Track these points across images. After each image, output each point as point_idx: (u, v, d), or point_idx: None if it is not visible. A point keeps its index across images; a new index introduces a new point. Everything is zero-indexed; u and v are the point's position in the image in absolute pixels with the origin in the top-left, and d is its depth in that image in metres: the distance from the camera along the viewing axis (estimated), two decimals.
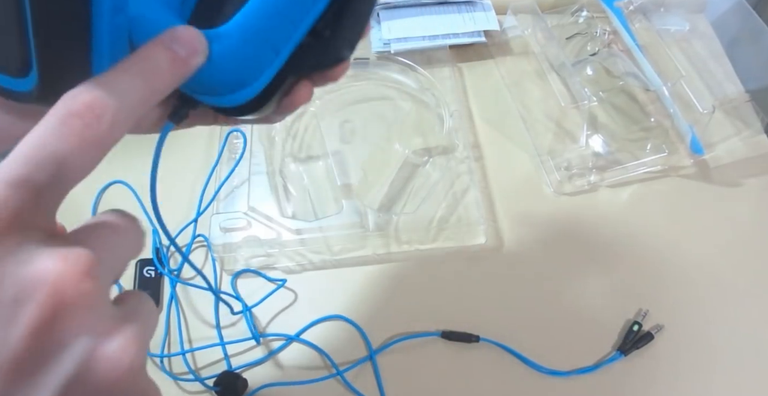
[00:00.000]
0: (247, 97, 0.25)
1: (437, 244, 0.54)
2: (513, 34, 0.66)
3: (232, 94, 0.24)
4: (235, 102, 0.25)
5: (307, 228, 0.52)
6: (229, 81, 0.24)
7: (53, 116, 0.18)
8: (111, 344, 0.18)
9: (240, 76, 0.24)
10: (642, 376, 0.47)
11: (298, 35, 0.25)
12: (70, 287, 0.17)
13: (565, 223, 0.55)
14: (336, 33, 0.26)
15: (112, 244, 0.20)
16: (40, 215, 0.18)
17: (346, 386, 0.47)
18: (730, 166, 0.58)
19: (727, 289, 0.51)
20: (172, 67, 0.20)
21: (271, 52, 0.24)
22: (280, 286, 0.52)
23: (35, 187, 0.17)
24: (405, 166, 0.56)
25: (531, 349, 0.48)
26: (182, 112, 0.26)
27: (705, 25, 0.67)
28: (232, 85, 0.24)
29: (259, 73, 0.24)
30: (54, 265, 0.17)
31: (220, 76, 0.23)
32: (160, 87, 0.20)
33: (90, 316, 0.17)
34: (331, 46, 0.26)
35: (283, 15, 0.24)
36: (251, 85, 0.24)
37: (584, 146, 0.57)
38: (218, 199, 0.55)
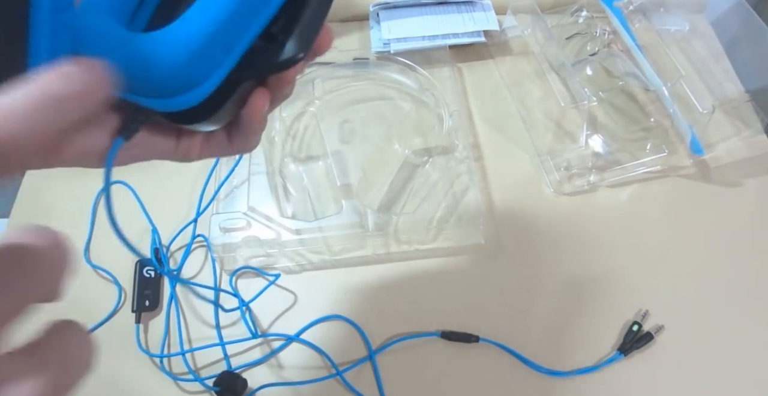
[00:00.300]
0: (198, 97, 0.24)
1: (437, 244, 0.54)
2: (513, 34, 0.66)
3: (179, 95, 0.23)
4: (185, 104, 0.24)
5: (307, 228, 0.52)
6: (176, 80, 0.23)
7: None
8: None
9: (188, 75, 0.23)
10: (642, 376, 0.47)
11: (249, 36, 0.24)
12: None
13: (565, 223, 0.55)
14: (288, 36, 0.25)
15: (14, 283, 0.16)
16: None
17: (346, 386, 0.47)
18: (730, 166, 0.57)
19: (727, 289, 0.51)
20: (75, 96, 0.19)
21: (220, 51, 0.23)
22: (273, 282, 0.51)
23: None
24: (405, 166, 0.56)
25: (531, 349, 0.48)
26: (132, 126, 0.24)
27: (705, 25, 0.67)
28: (179, 85, 0.23)
29: (207, 73, 0.23)
30: None
31: (167, 74, 0.22)
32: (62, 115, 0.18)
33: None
34: (283, 47, 0.25)
35: (233, 14, 0.23)
36: (200, 85, 0.23)
37: (584, 146, 0.57)
38: (218, 199, 0.55)
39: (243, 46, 0.24)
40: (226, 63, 0.24)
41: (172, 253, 0.54)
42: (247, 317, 0.50)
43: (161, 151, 0.28)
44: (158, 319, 0.51)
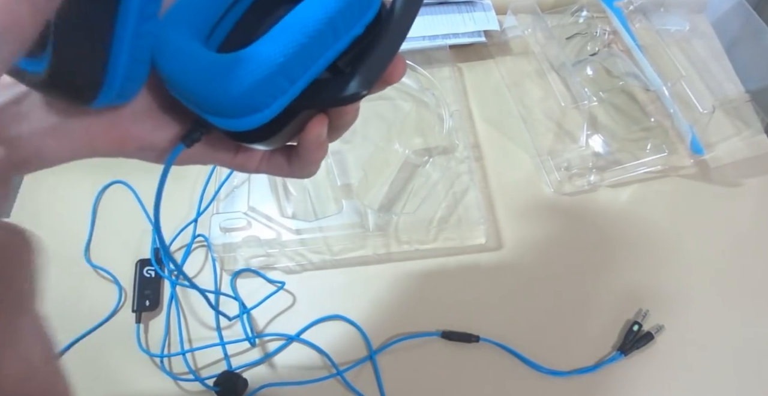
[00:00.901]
0: (257, 122, 0.25)
1: (437, 244, 0.54)
2: (513, 34, 0.66)
3: (242, 117, 0.25)
4: (244, 126, 0.25)
5: (307, 228, 0.52)
6: (240, 104, 0.24)
7: None
8: None
9: (252, 100, 0.24)
10: (642, 376, 0.47)
11: (315, 69, 0.25)
12: None
13: (565, 223, 0.55)
14: (354, 71, 0.26)
15: None
16: None
17: (346, 386, 0.47)
18: (730, 166, 0.57)
19: (728, 289, 0.51)
20: None
21: (285, 81, 0.24)
22: (279, 289, 0.52)
23: None
24: (405, 166, 0.56)
25: (531, 349, 0.48)
26: (195, 135, 0.26)
27: (705, 25, 0.67)
28: (243, 108, 0.24)
29: (271, 100, 0.24)
30: None
31: (230, 98, 0.24)
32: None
33: None
34: (347, 83, 0.26)
35: (303, 47, 0.24)
36: (262, 111, 0.25)
37: (584, 146, 0.57)
38: (218, 199, 0.55)
39: (308, 78, 0.25)
40: (289, 92, 0.25)
41: (173, 253, 0.54)
42: (246, 323, 0.50)
43: (219, 159, 0.29)
44: (158, 319, 0.51)
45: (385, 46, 0.27)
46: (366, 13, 0.26)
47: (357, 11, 0.25)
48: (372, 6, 0.26)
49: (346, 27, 0.25)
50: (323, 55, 0.25)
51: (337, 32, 0.25)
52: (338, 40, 0.25)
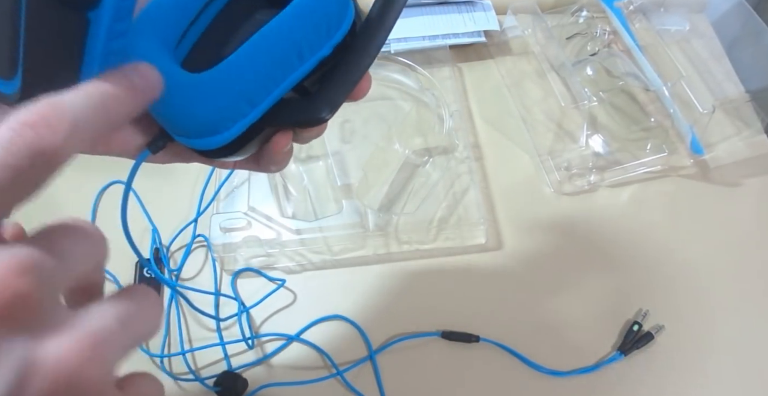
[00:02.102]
0: (217, 144, 0.25)
1: (437, 244, 0.54)
2: (513, 34, 0.66)
3: (202, 138, 0.25)
4: (206, 146, 0.25)
5: (307, 228, 0.52)
6: (199, 126, 0.24)
7: (5, 126, 0.17)
8: (49, 347, 0.15)
9: (211, 123, 0.24)
10: (642, 376, 0.47)
11: (278, 92, 0.25)
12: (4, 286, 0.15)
13: (565, 223, 0.55)
14: (320, 93, 0.26)
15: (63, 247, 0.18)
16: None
17: (346, 386, 0.47)
18: (730, 166, 0.57)
19: (728, 288, 0.51)
20: (128, 95, 0.20)
21: (246, 105, 0.24)
22: (279, 287, 0.52)
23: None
24: (405, 166, 0.56)
25: (531, 349, 0.48)
26: (159, 143, 0.26)
27: (705, 25, 0.67)
28: (202, 130, 0.24)
29: (231, 123, 0.24)
30: None
31: (191, 120, 0.24)
32: (115, 111, 0.20)
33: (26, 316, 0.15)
34: (313, 105, 0.26)
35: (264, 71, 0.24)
36: (222, 133, 0.25)
37: (584, 146, 0.57)
38: (218, 199, 0.55)
39: (271, 101, 0.25)
40: (250, 116, 0.25)
41: (173, 253, 0.54)
42: (245, 323, 0.50)
43: (197, 159, 0.30)
44: None
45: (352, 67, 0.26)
46: (334, 34, 0.25)
47: (324, 33, 0.25)
48: (341, 26, 0.26)
49: (312, 49, 0.25)
50: (287, 79, 0.25)
51: (302, 55, 0.25)
52: (303, 63, 0.25)
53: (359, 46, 0.26)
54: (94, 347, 0.16)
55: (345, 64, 0.26)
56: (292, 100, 0.26)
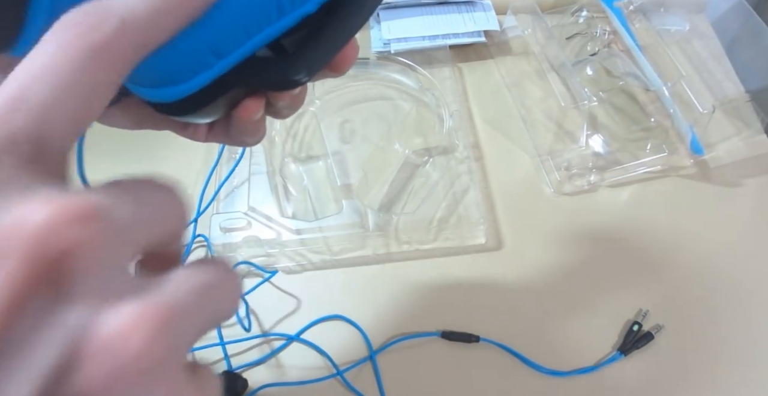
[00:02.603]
0: (175, 96, 0.22)
1: (437, 244, 0.54)
2: (513, 34, 0.66)
3: (157, 88, 0.22)
4: (161, 98, 0.23)
5: (307, 228, 0.52)
6: (154, 72, 0.21)
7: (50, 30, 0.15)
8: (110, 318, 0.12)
9: (168, 70, 0.21)
10: (642, 376, 0.47)
11: (250, 45, 0.22)
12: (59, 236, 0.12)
13: (565, 223, 0.55)
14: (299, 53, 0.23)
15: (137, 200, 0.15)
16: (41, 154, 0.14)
17: (346, 386, 0.47)
18: (730, 166, 0.57)
19: (728, 288, 0.51)
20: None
21: (210, 54, 0.21)
22: (267, 278, 0.51)
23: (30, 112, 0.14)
24: (405, 166, 0.56)
25: (531, 349, 0.48)
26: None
27: (705, 25, 0.67)
28: (157, 78, 0.22)
29: (191, 74, 0.22)
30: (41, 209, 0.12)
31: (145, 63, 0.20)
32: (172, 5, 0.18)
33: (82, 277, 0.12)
34: (288, 65, 0.23)
35: (235, 19, 0.21)
36: (179, 84, 0.22)
37: (584, 146, 0.57)
38: (218, 199, 0.55)
39: (240, 56, 0.22)
40: (214, 68, 0.22)
41: None
42: (242, 313, 0.50)
43: (171, 126, 0.27)
44: None
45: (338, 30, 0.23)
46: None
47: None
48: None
49: (293, 3, 0.22)
50: (262, 32, 0.22)
51: (282, 8, 0.22)
52: (283, 16, 0.22)
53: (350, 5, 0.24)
54: (166, 322, 0.13)
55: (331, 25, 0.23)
56: (266, 58, 0.23)
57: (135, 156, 0.59)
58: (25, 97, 0.14)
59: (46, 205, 0.12)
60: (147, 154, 0.59)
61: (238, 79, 0.22)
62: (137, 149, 0.58)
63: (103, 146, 0.39)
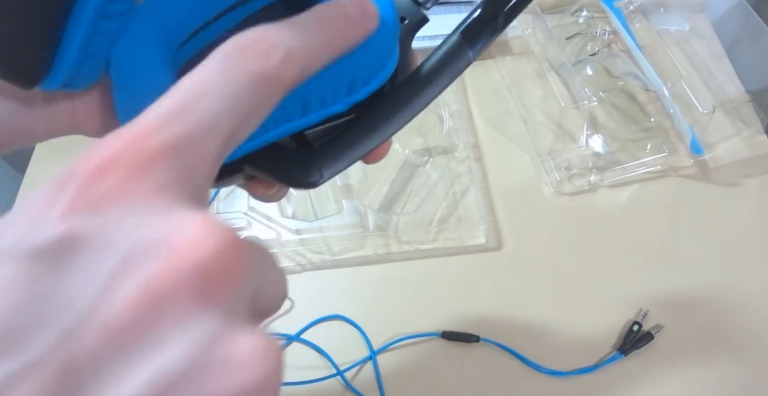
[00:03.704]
0: None
1: (437, 244, 0.54)
2: (513, 34, 0.66)
3: None
4: None
5: (307, 228, 0.52)
6: None
7: (216, 53, 0.16)
8: (248, 338, 0.13)
9: None
10: (642, 376, 0.47)
11: (264, 139, 0.21)
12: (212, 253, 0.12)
13: (565, 223, 0.55)
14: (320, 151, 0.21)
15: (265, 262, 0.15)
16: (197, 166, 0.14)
17: (346, 386, 0.47)
18: (730, 166, 0.57)
19: (728, 288, 0.51)
20: (347, 24, 0.19)
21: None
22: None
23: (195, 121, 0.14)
24: (405, 166, 0.56)
25: (531, 349, 0.48)
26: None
27: (705, 25, 0.67)
28: None
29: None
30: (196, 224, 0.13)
31: None
32: (333, 38, 0.19)
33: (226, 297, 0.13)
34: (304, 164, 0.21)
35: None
36: None
37: (584, 146, 0.57)
38: (218, 199, 0.55)
39: (254, 146, 0.21)
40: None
41: None
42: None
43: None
44: None
45: (372, 131, 0.21)
46: (358, 90, 0.21)
47: (345, 88, 0.20)
48: (372, 82, 0.21)
49: (322, 103, 0.20)
50: (279, 127, 0.20)
51: (307, 107, 0.20)
52: (307, 114, 0.20)
53: (389, 107, 0.22)
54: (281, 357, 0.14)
55: (363, 126, 0.21)
56: (283, 148, 0.21)
57: None
58: (192, 107, 0.14)
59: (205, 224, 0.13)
60: None
61: (251, 164, 0.22)
62: None
63: None
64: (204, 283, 0.12)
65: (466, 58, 0.22)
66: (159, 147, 0.14)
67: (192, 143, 0.14)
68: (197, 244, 0.12)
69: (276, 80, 0.16)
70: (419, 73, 0.23)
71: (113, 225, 0.13)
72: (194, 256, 0.12)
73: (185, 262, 0.12)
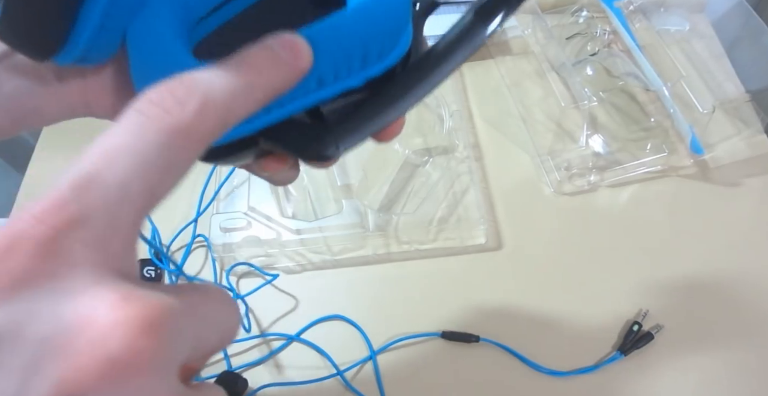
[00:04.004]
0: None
1: (437, 244, 0.54)
2: (513, 34, 0.66)
3: None
4: None
5: (307, 228, 0.52)
6: None
7: (129, 110, 0.15)
8: None
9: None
10: (642, 376, 0.47)
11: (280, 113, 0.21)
12: (120, 343, 0.12)
13: (565, 223, 0.55)
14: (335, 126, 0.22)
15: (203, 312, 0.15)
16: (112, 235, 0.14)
17: (346, 386, 0.47)
18: (730, 166, 0.57)
19: (728, 288, 0.51)
20: (273, 69, 0.18)
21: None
22: (269, 281, 0.51)
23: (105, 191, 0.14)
24: (405, 166, 0.56)
25: (531, 349, 0.48)
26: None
27: (705, 25, 0.67)
28: None
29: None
30: (107, 309, 0.13)
31: None
32: (259, 85, 0.18)
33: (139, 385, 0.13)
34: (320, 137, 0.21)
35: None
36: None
37: (584, 146, 0.57)
38: (218, 199, 0.55)
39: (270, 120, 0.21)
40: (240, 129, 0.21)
41: (173, 252, 0.54)
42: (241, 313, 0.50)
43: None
44: None
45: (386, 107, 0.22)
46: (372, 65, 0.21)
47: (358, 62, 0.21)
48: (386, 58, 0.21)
49: (336, 76, 0.21)
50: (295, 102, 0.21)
51: (322, 81, 0.20)
52: (322, 88, 0.21)
53: (403, 84, 0.22)
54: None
55: (378, 102, 0.22)
56: (300, 123, 0.22)
57: None
58: (101, 175, 0.14)
59: (120, 305, 0.13)
60: None
61: (267, 138, 0.22)
62: None
63: None
64: (117, 374, 0.12)
65: (480, 37, 0.23)
66: (66, 221, 0.13)
67: (103, 214, 0.14)
68: (106, 336, 0.12)
69: (191, 132, 0.15)
70: (434, 50, 0.23)
71: (24, 314, 0.12)
72: (102, 352, 0.12)
73: (94, 359, 0.12)
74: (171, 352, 0.13)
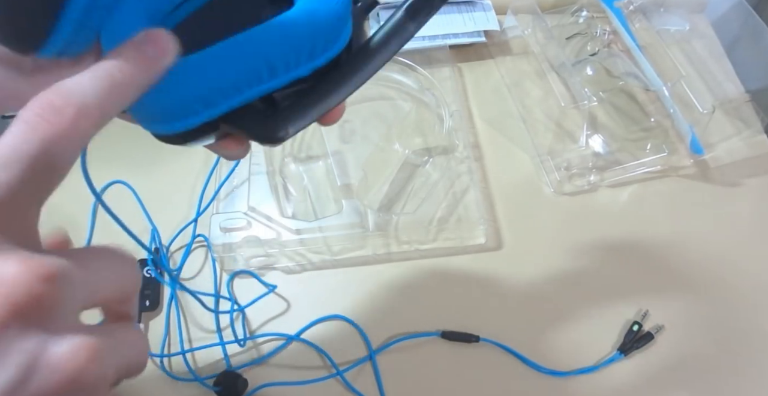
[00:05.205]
0: (170, 131, 0.25)
1: (437, 244, 0.54)
2: (513, 34, 0.66)
3: (155, 123, 0.25)
4: (158, 131, 0.25)
5: (307, 228, 0.52)
6: (151, 113, 0.24)
7: (17, 118, 0.18)
8: (58, 346, 0.17)
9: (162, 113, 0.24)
10: (642, 376, 0.47)
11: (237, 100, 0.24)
12: (22, 290, 0.16)
13: (565, 223, 0.55)
14: (286, 111, 0.25)
15: (95, 266, 0.19)
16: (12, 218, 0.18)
17: (346, 386, 0.47)
18: (730, 166, 0.57)
19: (728, 288, 0.51)
20: (140, 68, 0.21)
21: (200, 105, 0.24)
22: (269, 292, 0.51)
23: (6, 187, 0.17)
24: (405, 166, 0.56)
25: (531, 349, 0.48)
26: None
27: (705, 25, 0.67)
28: (154, 117, 0.24)
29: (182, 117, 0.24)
30: (11, 268, 0.16)
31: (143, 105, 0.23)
32: (127, 86, 0.20)
33: (41, 317, 0.16)
34: (272, 121, 0.25)
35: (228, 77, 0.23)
36: (173, 123, 0.24)
37: (584, 146, 0.57)
38: (218, 199, 0.55)
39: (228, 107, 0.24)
40: (201, 115, 0.24)
41: (172, 253, 0.54)
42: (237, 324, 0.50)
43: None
44: (158, 319, 0.51)
45: (329, 94, 0.25)
46: (318, 57, 0.24)
47: (306, 54, 0.24)
48: (329, 50, 0.25)
49: (287, 67, 0.24)
50: (251, 90, 0.24)
51: (274, 71, 0.24)
52: (274, 78, 0.24)
53: (344, 72, 0.25)
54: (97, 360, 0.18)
55: (323, 89, 0.25)
56: (255, 108, 0.25)
57: (135, 158, 0.59)
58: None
59: (21, 264, 0.16)
60: (147, 155, 0.59)
61: (226, 122, 0.25)
62: (138, 151, 0.58)
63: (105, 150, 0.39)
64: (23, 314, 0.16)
65: (408, 32, 0.26)
66: None
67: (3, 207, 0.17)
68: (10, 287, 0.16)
69: (71, 137, 0.18)
70: (368, 45, 0.26)
71: None
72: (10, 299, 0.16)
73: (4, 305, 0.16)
74: (65, 296, 0.17)
